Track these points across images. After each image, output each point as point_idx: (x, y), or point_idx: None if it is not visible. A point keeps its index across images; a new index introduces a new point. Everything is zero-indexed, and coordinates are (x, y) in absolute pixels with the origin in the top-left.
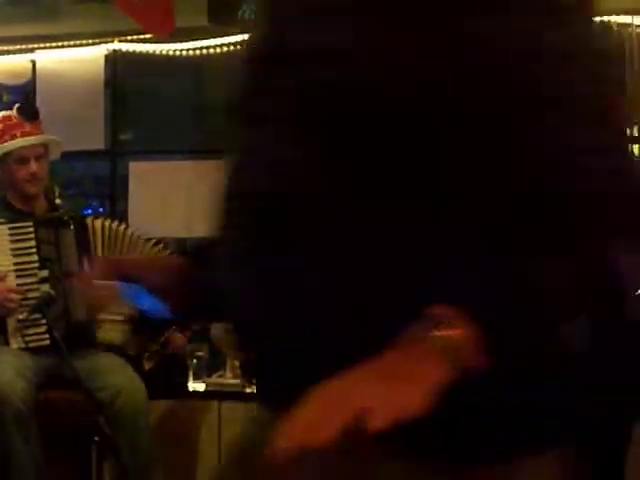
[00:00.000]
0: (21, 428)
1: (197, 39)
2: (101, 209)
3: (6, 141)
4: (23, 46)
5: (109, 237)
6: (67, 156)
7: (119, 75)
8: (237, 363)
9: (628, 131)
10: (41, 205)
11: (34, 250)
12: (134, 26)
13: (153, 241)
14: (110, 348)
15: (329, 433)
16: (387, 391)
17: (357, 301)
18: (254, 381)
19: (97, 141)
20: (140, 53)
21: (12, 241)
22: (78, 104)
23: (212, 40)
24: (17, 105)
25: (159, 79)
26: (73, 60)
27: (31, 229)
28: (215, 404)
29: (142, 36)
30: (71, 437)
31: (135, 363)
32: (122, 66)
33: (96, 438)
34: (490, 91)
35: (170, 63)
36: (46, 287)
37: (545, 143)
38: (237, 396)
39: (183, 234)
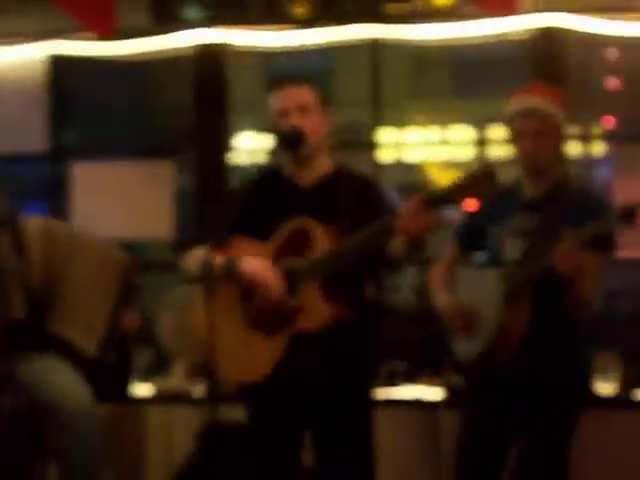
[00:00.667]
0: None
1: (139, 38)
2: (43, 211)
3: None
4: None
5: (45, 236)
6: (8, 158)
7: (59, 76)
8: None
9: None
10: None
11: None
12: (74, 25)
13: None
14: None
15: None
16: None
17: None
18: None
19: (38, 143)
20: (81, 52)
21: None
22: (19, 106)
23: (154, 39)
24: None
25: (100, 79)
26: (13, 60)
27: None
28: (161, 408)
29: (82, 35)
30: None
31: (82, 363)
32: (63, 66)
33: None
34: None
35: (112, 63)
36: None
37: None
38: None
39: (127, 234)
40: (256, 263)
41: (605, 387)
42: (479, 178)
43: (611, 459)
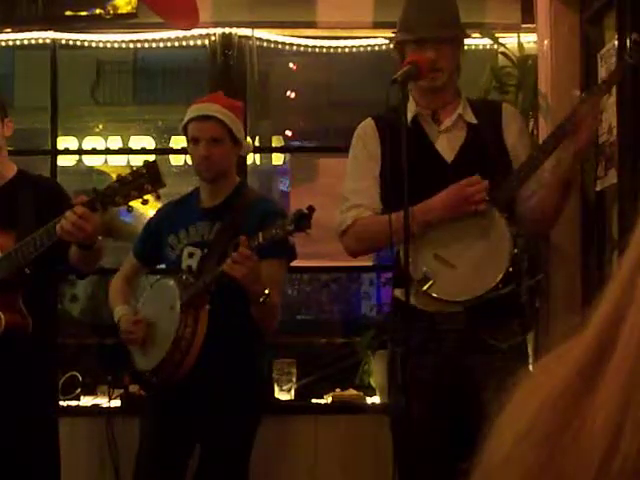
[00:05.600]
0: None
1: None
2: None
3: None
4: None
5: None
6: None
7: None
8: None
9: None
10: None
11: None
12: None
13: None
14: None
15: None
16: None
17: None
18: None
19: None
20: None
21: None
22: None
23: None
24: None
25: None
26: None
27: None
28: None
29: None
30: None
31: None
32: None
33: None
34: None
35: None
36: None
37: None
38: None
39: None
40: None
41: (282, 394)
42: (142, 174)
43: (287, 463)
